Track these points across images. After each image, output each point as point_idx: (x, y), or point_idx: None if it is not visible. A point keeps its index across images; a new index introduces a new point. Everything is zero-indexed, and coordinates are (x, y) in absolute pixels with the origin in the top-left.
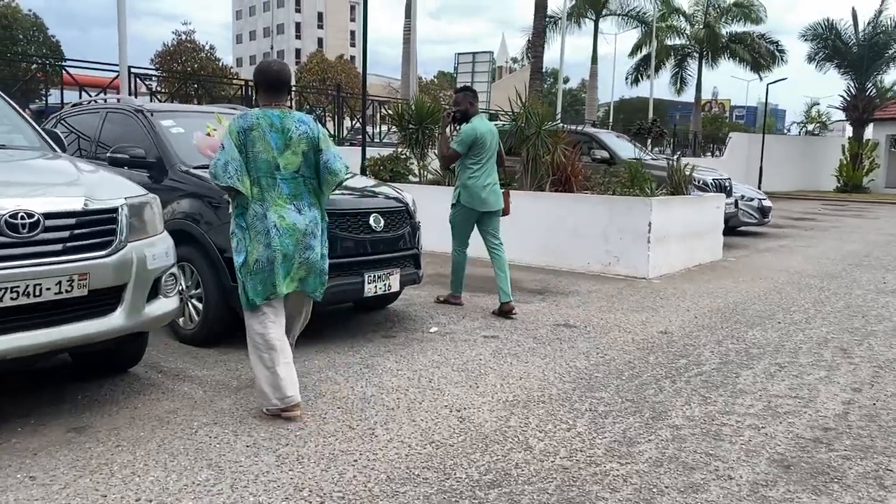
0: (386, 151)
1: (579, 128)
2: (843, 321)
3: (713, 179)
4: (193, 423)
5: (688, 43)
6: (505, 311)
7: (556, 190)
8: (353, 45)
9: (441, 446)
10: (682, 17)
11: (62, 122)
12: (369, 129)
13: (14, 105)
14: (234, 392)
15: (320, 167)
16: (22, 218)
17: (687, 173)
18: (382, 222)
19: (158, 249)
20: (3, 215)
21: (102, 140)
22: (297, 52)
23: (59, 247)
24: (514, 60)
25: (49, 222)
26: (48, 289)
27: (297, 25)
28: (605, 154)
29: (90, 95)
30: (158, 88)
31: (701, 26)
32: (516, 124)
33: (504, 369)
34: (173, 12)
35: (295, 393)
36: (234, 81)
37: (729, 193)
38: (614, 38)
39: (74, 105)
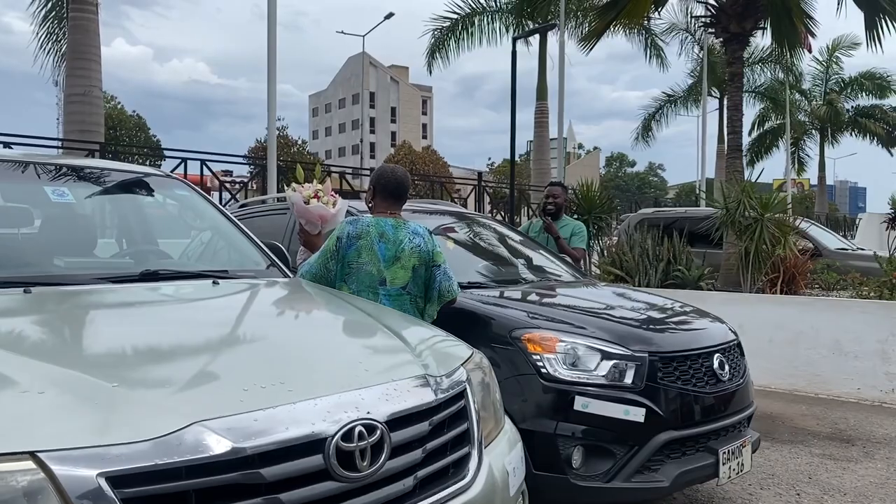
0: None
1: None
2: None
3: None
4: None
5: (807, 120)
6: None
7: (784, 291)
8: (424, 136)
9: None
10: (800, 95)
11: None
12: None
13: (227, 213)
14: None
15: (432, 284)
16: (360, 437)
17: None
18: (727, 367)
19: (515, 455)
20: (334, 437)
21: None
22: (372, 145)
23: (408, 483)
24: (580, 146)
25: (397, 436)
26: None
27: (372, 120)
28: (807, 244)
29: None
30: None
31: (821, 102)
32: (728, 212)
33: None
34: (250, 112)
35: None
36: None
37: None
38: (700, 119)
39: (242, 206)
